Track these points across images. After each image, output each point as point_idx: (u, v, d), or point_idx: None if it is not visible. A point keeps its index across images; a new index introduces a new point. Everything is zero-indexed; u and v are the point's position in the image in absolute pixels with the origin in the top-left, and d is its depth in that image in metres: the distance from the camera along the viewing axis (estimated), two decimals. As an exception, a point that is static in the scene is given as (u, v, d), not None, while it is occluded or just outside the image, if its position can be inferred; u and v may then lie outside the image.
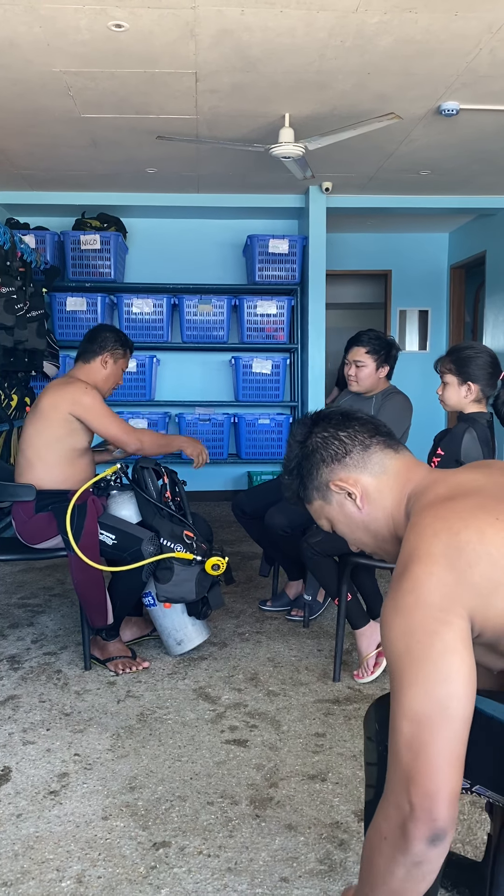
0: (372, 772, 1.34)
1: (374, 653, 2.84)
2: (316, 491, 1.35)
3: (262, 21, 3.09)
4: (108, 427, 2.97)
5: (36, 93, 3.83)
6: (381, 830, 1.07)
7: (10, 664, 2.99)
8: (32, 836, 1.90)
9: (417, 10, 3.00)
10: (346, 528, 1.35)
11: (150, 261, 6.40)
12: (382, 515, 1.30)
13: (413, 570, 1.10)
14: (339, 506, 1.33)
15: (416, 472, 1.30)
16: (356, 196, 6.01)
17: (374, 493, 1.30)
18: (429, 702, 1.03)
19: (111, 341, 3.12)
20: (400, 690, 1.06)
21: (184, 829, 1.92)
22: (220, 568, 2.88)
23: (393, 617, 1.09)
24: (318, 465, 1.33)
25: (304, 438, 1.36)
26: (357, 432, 1.33)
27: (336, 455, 1.32)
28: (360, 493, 1.30)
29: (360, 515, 1.32)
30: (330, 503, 1.34)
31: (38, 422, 2.96)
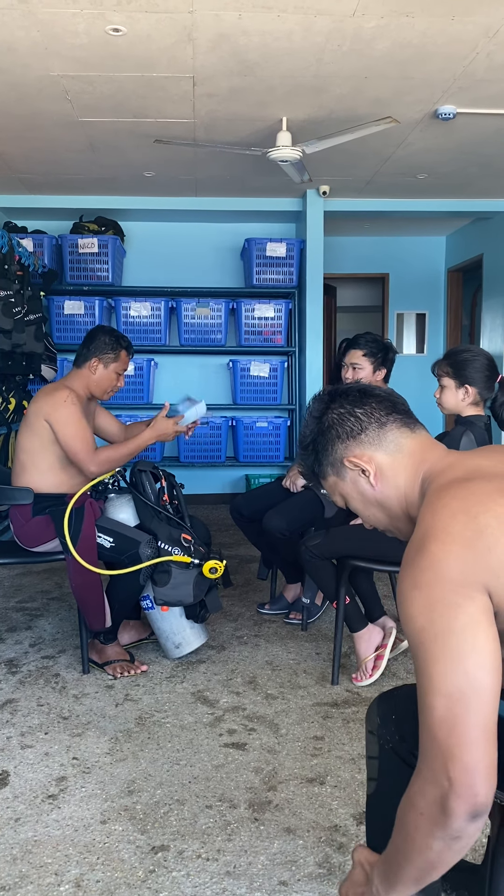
0: (373, 765, 1.34)
1: (372, 656, 2.84)
2: (331, 467, 1.35)
3: (260, 25, 3.10)
4: (71, 445, 2.89)
5: (33, 97, 3.83)
6: (418, 806, 1.06)
7: (7, 668, 2.99)
8: (31, 840, 1.89)
9: (414, 14, 3.01)
10: (360, 504, 1.35)
11: (148, 264, 6.41)
12: (395, 494, 1.30)
13: (430, 547, 1.10)
14: (353, 482, 1.33)
15: (431, 452, 1.29)
16: (353, 199, 6.02)
17: (388, 470, 1.30)
18: (459, 675, 1.02)
19: (102, 345, 3.04)
20: (427, 666, 1.05)
21: (182, 833, 1.92)
22: (217, 571, 2.88)
23: (412, 592, 1.08)
24: (333, 442, 1.33)
25: (320, 414, 1.37)
26: (374, 409, 1.32)
27: (351, 432, 1.32)
28: (373, 470, 1.30)
29: (373, 493, 1.32)
30: (344, 479, 1.34)
31: (26, 428, 2.96)
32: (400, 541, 2.88)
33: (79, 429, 2.90)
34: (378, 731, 1.31)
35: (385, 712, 1.30)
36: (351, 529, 2.90)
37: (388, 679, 2.84)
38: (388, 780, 1.30)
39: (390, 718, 1.29)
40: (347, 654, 3.07)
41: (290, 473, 3.43)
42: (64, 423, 2.88)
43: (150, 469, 3.04)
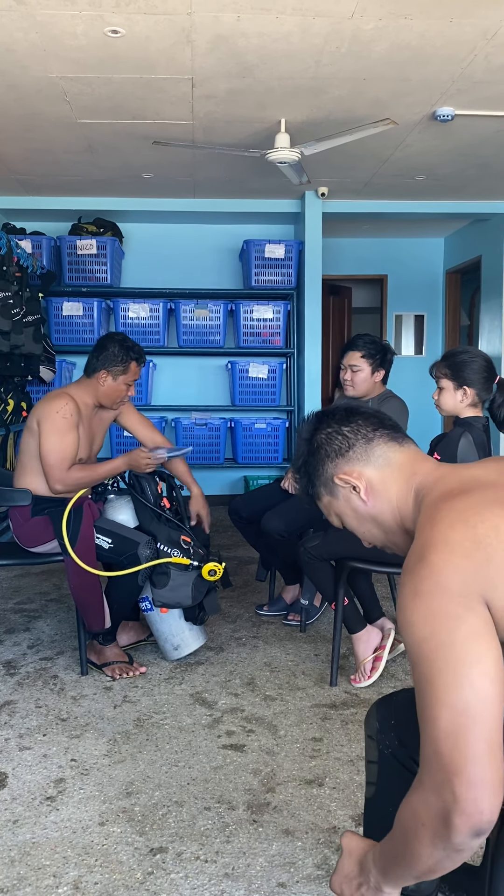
0: (373, 769, 1.34)
1: (370, 657, 2.84)
2: (323, 487, 1.37)
3: (258, 27, 3.10)
4: (45, 457, 2.85)
5: (32, 98, 3.83)
6: (420, 816, 1.05)
7: (6, 669, 2.98)
8: (29, 842, 1.89)
9: (413, 16, 3.02)
10: (355, 521, 1.37)
11: (147, 266, 6.41)
12: (388, 508, 1.30)
13: (430, 557, 1.10)
14: (346, 500, 1.35)
15: (422, 465, 1.30)
16: (352, 201, 6.02)
17: (378, 485, 1.31)
18: (464, 687, 1.01)
19: (111, 357, 2.98)
20: (430, 678, 1.04)
21: (181, 835, 1.92)
22: (216, 573, 2.88)
23: (412, 601, 1.08)
24: (323, 461, 1.35)
25: (309, 436, 1.39)
26: (360, 426, 1.34)
27: (339, 450, 1.33)
28: (364, 486, 1.31)
29: (366, 508, 1.33)
30: (337, 498, 1.36)
31: (27, 430, 2.95)
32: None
33: (57, 442, 2.84)
34: (377, 737, 1.31)
35: (384, 717, 1.30)
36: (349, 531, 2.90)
37: (386, 680, 2.84)
38: (387, 785, 1.30)
39: (389, 724, 1.29)
40: (346, 655, 3.07)
41: (289, 475, 3.43)
42: (47, 434, 2.85)
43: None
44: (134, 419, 3.27)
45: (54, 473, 2.85)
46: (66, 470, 2.86)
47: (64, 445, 2.85)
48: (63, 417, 2.86)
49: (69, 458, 2.87)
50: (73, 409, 2.90)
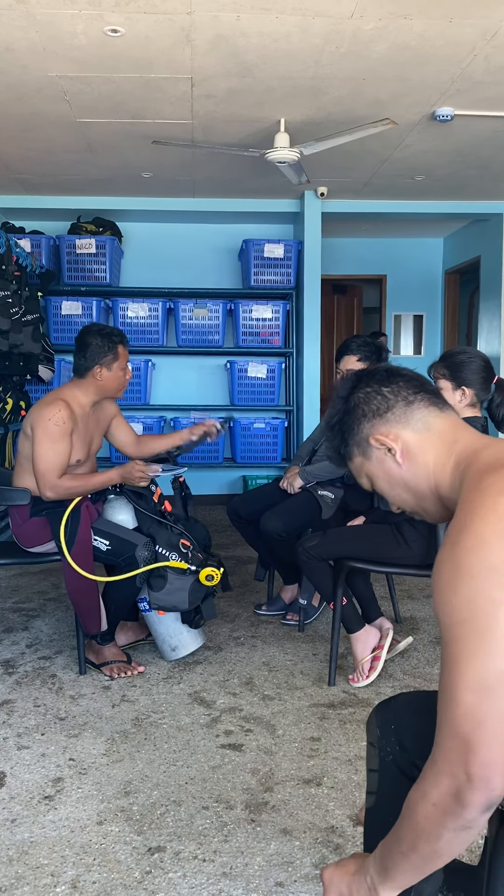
0: (373, 779, 1.32)
1: (369, 657, 2.84)
2: (356, 447, 1.33)
3: (258, 27, 3.10)
4: (36, 463, 2.84)
5: (32, 97, 3.83)
6: (430, 797, 1.06)
7: (4, 668, 2.98)
8: (27, 842, 1.89)
9: (412, 16, 3.02)
10: (386, 484, 1.32)
11: (146, 265, 6.41)
12: (423, 472, 1.27)
13: (476, 526, 1.06)
14: (379, 462, 1.30)
15: (464, 432, 1.27)
16: (351, 201, 6.03)
17: (415, 449, 1.27)
18: (492, 673, 1.01)
19: (98, 350, 2.95)
20: (460, 660, 1.03)
21: (179, 834, 1.92)
22: (214, 578, 2.88)
23: (454, 578, 1.05)
24: (359, 421, 1.31)
25: (347, 394, 1.34)
26: (401, 388, 1.30)
27: (378, 410, 1.29)
28: (400, 448, 1.27)
29: (399, 472, 1.28)
30: (370, 459, 1.32)
31: (23, 433, 2.94)
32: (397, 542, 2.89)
33: (48, 450, 2.83)
34: (378, 743, 1.30)
35: (384, 722, 1.29)
36: (348, 531, 2.91)
37: (384, 680, 2.84)
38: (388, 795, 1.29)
39: (390, 728, 1.28)
40: (344, 655, 3.07)
41: (288, 474, 3.43)
42: (39, 441, 2.83)
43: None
44: (124, 430, 3.27)
45: (45, 481, 2.83)
46: (57, 478, 2.84)
47: (54, 453, 2.83)
48: (55, 425, 2.82)
49: (60, 466, 2.85)
50: (66, 416, 2.86)
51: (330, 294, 7.59)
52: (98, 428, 3.12)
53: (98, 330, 3.02)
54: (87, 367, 2.97)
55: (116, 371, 3.00)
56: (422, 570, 2.77)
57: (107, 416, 3.17)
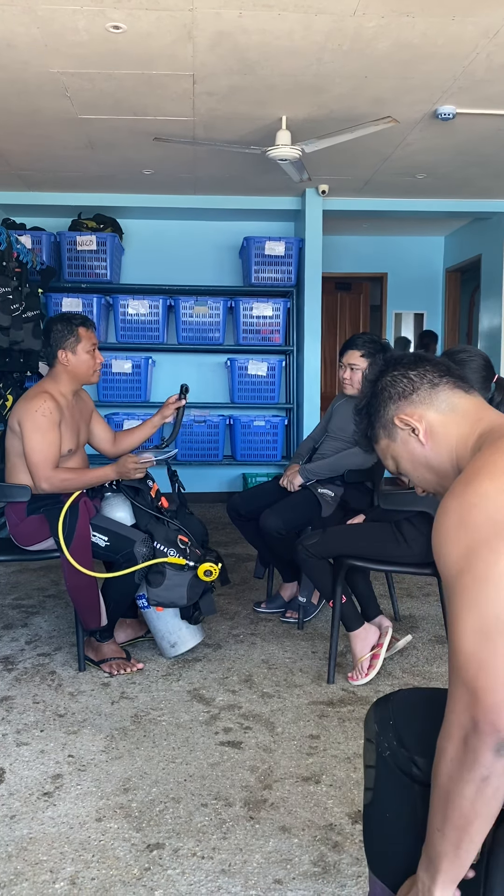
0: (371, 774, 1.33)
1: (368, 655, 2.85)
2: (382, 429, 1.37)
3: (260, 24, 3.10)
4: (29, 456, 2.84)
5: (33, 93, 3.83)
6: (447, 752, 1.08)
7: (3, 665, 2.98)
8: (26, 838, 1.90)
9: (415, 14, 3.01)
10: (410, 465, 1.37)
11: (147, 262, 6.40)
12: (446, 451, 1.30)
13: (482, 483, 1.10)
14: (404, 443, 1.35)
15: (488, 412, 1.30)
16: (352, 199, 6.02)
17: (439, 428, 1.31)
18: (489, 620, 1.04)
19: (58, 335, 2.97)
20: (460, 609, 1.07)
21: (178, 831, 1.92)
22: (212, 574, 2.88)
23: (456, 529, 1.09)
24: (385, 403, 1.35)
25: (375, 378, 1.39)
26: (427, 371, 1.34)
27: (403, 392, 1.33)
28: (423, 428, 1.31)
29: (423, 451, 1.32)
30: (395, 440, 1.36)
31: (10, 431, 2.94)
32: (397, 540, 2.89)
33: (39, 441, 2.83)
34: (376, 739, 1.30)
35: (382, 718, 1.30)
36: (348, 529, 2.91)
37: (383, 678, 2.84)
38: (385, 791, 1.29)
39: (388, 724, 1.29)
40: (343, 653, 3.08)
41: (288, 472, 3.43)
42: (29, 434, 2.84)
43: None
44: (102, 426, 3.26)
45: (39, 472, 2.84)
46: (52, 469, 2.85)
47: (46, 444, 2.84)
48: (42, 416, 2.84)
49: (53, 457, 2.86)
50: (52, 406, 2.87)
51: (333, 292, 7.58)
52: (83, 418, 3.13)
53: (59, 317, 3.05)
54: (53, 355, 3.00)
55: (81, 354, 3.00)
56: (421, 569, 2.77)
57: (88, 408, 3.18)
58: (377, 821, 1.33)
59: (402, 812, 1.27)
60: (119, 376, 5.99)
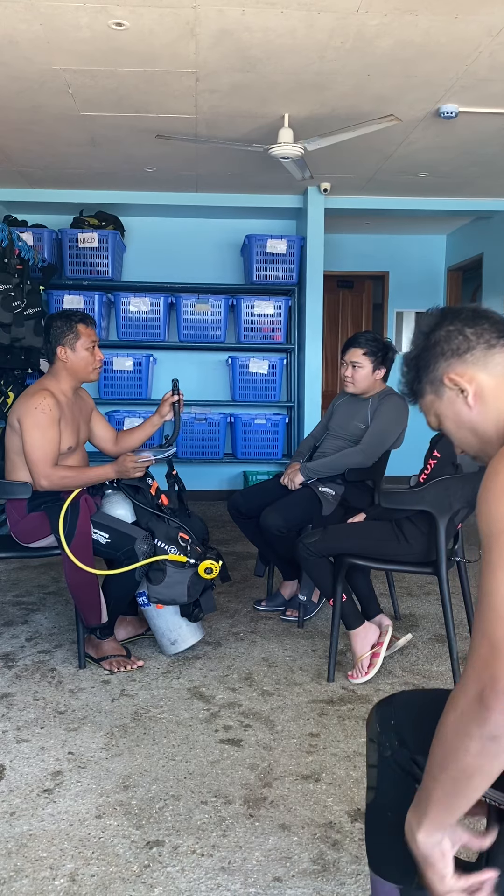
0: (373, 774, 1.33)
1: (368, 653, 2.85)
2: (430, 385, 1.32)
3: (263, 21, 3.09)
4: (29, 453, 2.85)
5: (35, 90, 3.82)
6: (458, 705, 1.07)
7: (3, 662, 2.99)
8: (26, 834, 1.90)
9: (418, 12, 3.01)
10: (453, 426, 1.32)
11: (148, 259, 6.40)
12: (493, 417, 1.26)
13: None
14: (450, 402, 1.30)
15: None
16: (354, 197, 6.02)
17: (488, 392, 1.26)
18: None
19: (57, 332, 2.97)
20: (498, 567, 1.06)
21: (177, 829, 1.92)
22: (213, 572, 2.88)
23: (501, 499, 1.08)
24: (437, 358, 1.29)
25: (429, 330, 1.32)
26: (485, 330, 1.28)
27: (457, 350, 1.28)
28: (473, 390, 1.26)
29: (469, 414, 1.28)
30: (441, 398, 1.31)
31: (10, 428, 2.94)
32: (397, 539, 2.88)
33: (39, 438, 2.84)
34: (378, 739, 1.30)
35: (384, 718, 1.30)
36: (348, 527, 2.91)
37: (383, 677, 2.85)
38: (386, 789, 1.30)
39: (389, 724, 1.28)
40: (343, 651, 3.08)
41: (289, 471, 3.43)
42: (28, 430, 2.84)
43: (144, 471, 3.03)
44: (103, 425, 3.26)
45: (39, 469, 2.84)
46: (51, 466, 2.85)
47: (45, 441, 2.84)
48: (42, 412, 2.84)
49: (53, 454, 2.86)
50: (52, 403, 2.87)
51: (334, 290, 7.58)
52: (83, 416, 3.13)
53: (59, 315, 3.04)
54: (52, 351, 3.00)
55: (81, 351, 3.00)
56: (422, 568, 2.77)
57: (88, 407, 3.18)
58: (379, 820, 1.33)
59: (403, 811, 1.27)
60: (120, 374, 5.99)
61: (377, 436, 3.28)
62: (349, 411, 3.44)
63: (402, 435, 3.34)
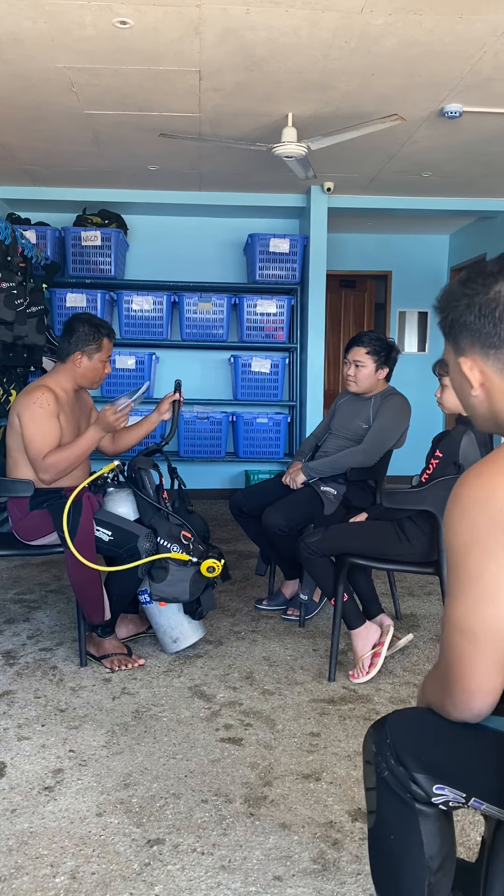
0: (372, 797, 1.31)
1: (369, 653, 2.85)
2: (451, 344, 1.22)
3: (267, 20, 3.09)
4: (28, 447, 2.85)
5: (39, 88, 3.82)
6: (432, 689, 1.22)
7: (5, 659, 2.99)
8: (27, 832, 1.90)
9: (422, 11, 3.00)
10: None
11: (151, 258, 6.40)
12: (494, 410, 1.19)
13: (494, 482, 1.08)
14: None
15: None
16: (358, 196, 6.01)
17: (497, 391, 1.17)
18: (475, 619, 1.09)
19: (83, 337, 2.97)
20: (451, 600, 1.13)
21: (178, 827, 1.92)
22: (215, 570, 2.88)
23: (459, 520, 1.11)
24: (462, 330, 1.18)
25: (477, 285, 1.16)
26: None
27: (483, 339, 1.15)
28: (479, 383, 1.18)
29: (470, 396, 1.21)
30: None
31: (10, 426, 2.95)
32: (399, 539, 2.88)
33: (36, 432, 2.84)
34: (374, 760, 1.29)
35: (379, 739, 1.28)
36: (350, 527, 2.91)
37: (384, 677, 2.85)
38: (386, 811, 1.28)
39: (385, 744, 1.27)
40: (345, 651, 3.08)
41: (291, 470, 3.43)
42: (26, 425, 2.85)
43: (150, 466, 3.03)
44: None
45: (39, 464, 2.85)
46: (44, 462, 2.85)
47: (43, 435, 2.85)
48: (40, 407, 2.85)
49: (51, 447, 2.86)
50: (51, 398, 2.88)
51: (337, 289, 7.57)
52: (83, 414, 3.14)
53: (88, 318, 3.04)
54: (69, 352, 3.00)
55: (96, 362, 3.02)
56: (423, 567, 2.77)
57: (87, 405, 3.19)
58: (382, 843, 1.31)
59: (404, 835, 1.27)
60: (122, 372, 6.00)
61: (379, 435, 3.28)
62: (351, 411, 3.44)
63: (404, 434, 3.34)
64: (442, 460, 2.68)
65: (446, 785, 1.20)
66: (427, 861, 1.25)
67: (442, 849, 1.26)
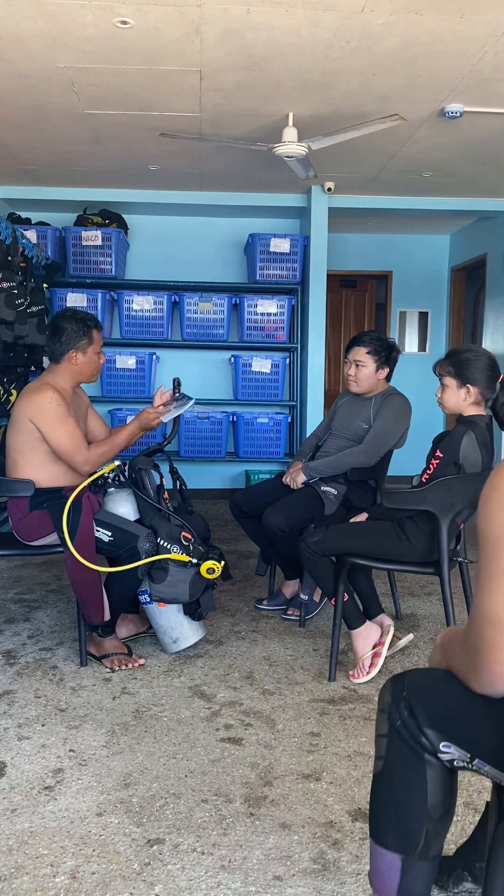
0: (381, 743, 1.39)
1: (369, 653, 2.85)
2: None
3: (268, 20, 3.09)
4: (63, 447, 2.89)
5: (40, 88, 3.82)
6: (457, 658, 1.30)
7: (5, 659, 2.99)
8: (27, 832, 1.90)
9: (423, 11, 3.00)
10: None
11: (152, 258, 6.40)
12: None
13: None
14: None
15: None
16: (358, 196, 6.01)
17: None
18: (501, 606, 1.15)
19: (73, 335, 3.00)
20: (482, 591, 1.19)
21: (178, 827, 1.92)
22: (215, 572, 2.88)
23: (496, 512, 1.17)
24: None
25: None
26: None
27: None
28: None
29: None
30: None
31: (12, 427, 2.95)
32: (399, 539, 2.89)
33: (67, 429, 2.89)
34: (388, 709, 1.37)
35: (396, 690, 1.37)
36: (350, 527, 2.91)
37: (384, 677, 2.84)
38: (394, 759, 1.35)
39: (401, 696, 1.36)
40: (345, 651, 3.08)
41: (291, 470, 3.43)
42: (52, 426, 2.87)
43: (150, 466, 3.03)
44: (97, 421, 3.28)
45: (77, 458, 2.92)
46: (87, 449, 2.94)
47: (72, 430, 2.92)
48: (57, 405, 2.89)
49: (81, 439, 2.95)
50: (59, 397, 2.92)
51: (338, 289, 7.57)
52: (81, 413, 3.16)
53: (72, 315, 3.07)
54: (63, 352, 3.03)
55: (91, 355, 3.07)
56: (423, 567, 2.77)
57: (84, 404, 3.21)
58: (386, 788, 1.38)
59: (409, 780, 1.33)
60: (123, 372, 6.00)
61: (380, 435, 3.28)
62: (352, 411, 3.44)
63: (404, 434, 3.34)
64: (442, 460, 2.68)
65: (453, 743, 1.28)
66: (429, 809, 1.32)
67: (444, 802, 1.33)
